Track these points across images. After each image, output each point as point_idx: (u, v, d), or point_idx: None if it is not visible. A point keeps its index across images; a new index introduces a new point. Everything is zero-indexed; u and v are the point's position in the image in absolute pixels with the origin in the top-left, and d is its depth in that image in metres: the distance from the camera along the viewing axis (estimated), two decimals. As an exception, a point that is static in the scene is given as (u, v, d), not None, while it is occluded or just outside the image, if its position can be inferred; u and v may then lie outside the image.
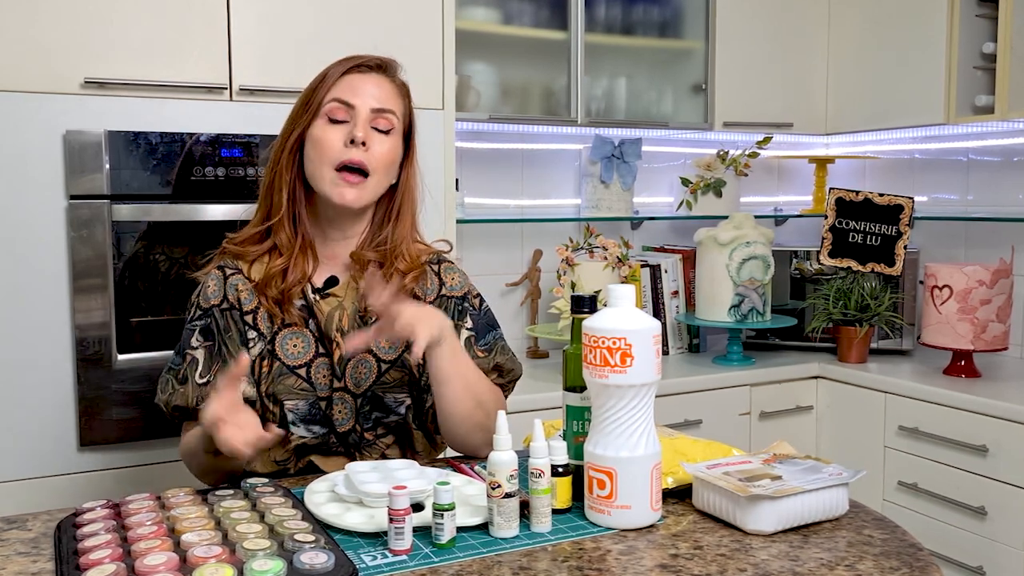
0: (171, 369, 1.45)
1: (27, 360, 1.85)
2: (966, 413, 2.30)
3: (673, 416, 2.49)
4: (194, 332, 1.44)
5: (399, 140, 1.46)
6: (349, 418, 1.44)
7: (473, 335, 1.49)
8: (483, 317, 1.52)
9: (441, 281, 1.50)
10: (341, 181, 1.39)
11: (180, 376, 1.43)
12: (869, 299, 2.71)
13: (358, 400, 1.44)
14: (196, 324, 1.45)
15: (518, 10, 2.66)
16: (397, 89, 1.47)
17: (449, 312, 1.48)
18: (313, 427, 1.43)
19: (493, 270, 2.86)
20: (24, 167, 1.82)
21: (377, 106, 1.42)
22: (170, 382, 1.43)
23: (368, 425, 1.46)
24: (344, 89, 1.42)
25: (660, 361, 1.14)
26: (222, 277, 1.46)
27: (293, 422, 1.42)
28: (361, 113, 1.40)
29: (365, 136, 1.39)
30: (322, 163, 1.40)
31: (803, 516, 1.14)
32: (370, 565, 1.03)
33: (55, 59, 1.85)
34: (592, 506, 1.15)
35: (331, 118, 1.41)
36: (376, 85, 1.43)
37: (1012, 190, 2.81)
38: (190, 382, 1.42)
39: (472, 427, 1.41)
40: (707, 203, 3.01)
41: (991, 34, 2.62)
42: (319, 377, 1.42)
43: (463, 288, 1.52)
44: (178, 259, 1.97)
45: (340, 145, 1.39)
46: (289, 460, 1.45)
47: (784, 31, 2.96)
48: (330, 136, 1.40)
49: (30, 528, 1.16)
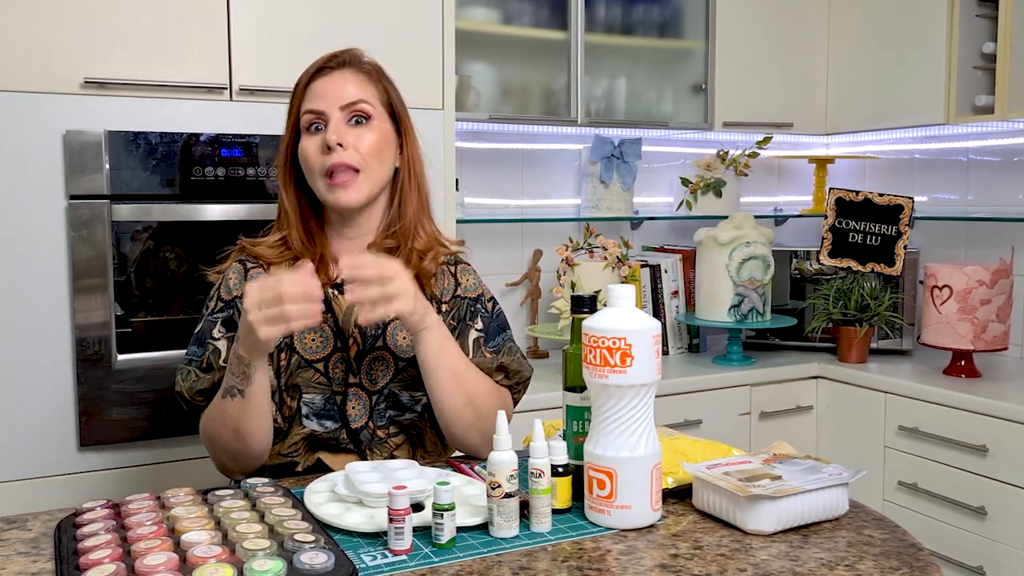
0: (191, 360, 1.45)
1: (27, 360, 1.85)
2: (966, 413, 2.30)
3: (673, 416, 2.49)
4: (216, 323, 1.45)
5: (384, 123, 1.46)
6: (363, 414, 1.45)
7: (483, 336, 1.49)
8: (495, 319, 1.53)
9: (457, 282, 1.52)
10: (333, 186, 1.41)
11: (203, 365, 1.43)
12: (869, 299, 2.71)
13: (373, 397, 1.45)
14: (218, 316, 1.46)
15: (518, 10, 2.66)
16: (366, 76, 1.46)
17: (461, 312, 1.50)
18: (326, 422, 1.44)
19: (493, 270, 2.86)
20: (24, 167, 1.82)
21: (344, 102, 1.42)
22: (191, 372, 1.44)
23: (382, 423, 1.46)
24: (311, 98, 1.43)
25: (660, 361, 1.14)
26: (243, 270, 1.48)
27: (307, 415, 1.43)
28: (332, 116, 1.41)
29: (339, 138, 1.40)
30: (312, 175, 1.43)
31: (803, 516, 1.14)
32: (370, 565, 1.03)
33: (55, 59, 1.85)
34: (592, 506, 1.15)
35: (308, 128, 1.43)
36: (340, 81, 1.43)
37: (1012, 190, 2.81)
38: (215, 369, 1.42)
39: (465, 426, 1.41)
40: (707, 203, 3.01)
41: (991, 34, 2.62)
42: (336, 372, 1.44)
43: (477, 290, 1.53)
44: (178, 259, 1.97)
45: (318, 154, 1.41)
46: (297, 453, 1.46)
47: (784, 31, 2.96)
48: (310, 147, 1.42)
49: (30, 528, 1.16)
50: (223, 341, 1.44)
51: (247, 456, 1.39)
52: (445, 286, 1.50)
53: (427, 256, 1.47)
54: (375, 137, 1.43)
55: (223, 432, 1.37)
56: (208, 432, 1.42)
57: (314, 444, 1.46)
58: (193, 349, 1.45)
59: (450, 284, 1.51)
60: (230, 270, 1.48)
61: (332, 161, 1.39)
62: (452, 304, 1.50)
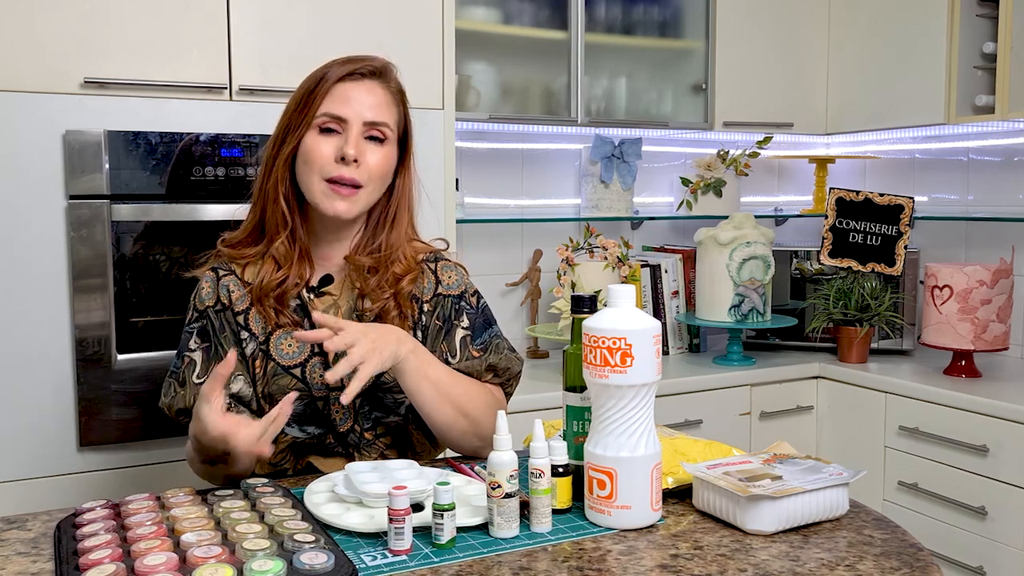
0: (172, 372, 1.45)
1: (27, 360, 1.85)
2: (966, 413, 2.29)
3: (673, 416, 2.49)
4: (192, 335, 1.45)
5: (393, 148, 1.44)
6: (348, 418, 1.44)
7: (469, 334, 1.48)
8: (480, 315, 1.50)
9: (438, 280, 1.49)
10: (332, 192, 1.38)
11: (180, 379, 1.43)
12: (869, 299, 2.71)
13: (356, 400, 1.43)
14: (193, 327, 1.45)
15: (518, 10, 2.66)
16: (392, 96, 1.44)
17: (446, 311, 1.48)
18: (307, 427, 1.43)
19: (493, 270, 2.86)
20: (24, 167, 1.82)
21: (370, 118, 1.39)
22: (172, 385, 1.44)
23: (367, 425, 1.46)
24: (337, 100, 1.39)
25: (660, 361, 1.14)
26: (215, 278, 1.46)
27: (288, 423, 1.41)
28: (353, 127, 1.38)
29: (357, 153, 1.37)
30: (312, 174, 1.39)
31: (803, 516, 1.14)
32: (370, 565, 1.03)
33: (54, 59, 1.84)
34: (592, 506, 1.15)
35: (322, 128, 1.39)
36: (369, 93, 1.40)
37: (1012, 190, 2.81)
38: (188, 384, 1.42)
39: (459, 434, 1.41)
40: (707, 203, 3.01)
41: (991, 34, 2.62)
42: (314, 377, 1.42)
43: (460, 286, 1.50)
44: (178, 259, 1.97)
45: (331, 159, 1.37)
46: (285, 460, 1.45)
47: (784, 31, 2.96)
48: (321, 148, 1.38)
49: (30, 528, 1.16)
50: (198, 352, 1.43)
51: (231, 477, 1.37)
52: (425, 285, 1.48)
53: (405, 278, 1.45)
54: (382, 160, 1.41)
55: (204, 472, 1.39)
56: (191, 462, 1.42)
57: (301, 450, 1.45)
58: (175, 361, 1.45)
59: (431, 283, 1.49)
60: (203, 279, 1.46)
61: (341, 173, 1.37)
62: (434, 303, 1.48)
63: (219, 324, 1.43)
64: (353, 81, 1.40)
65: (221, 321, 1.43)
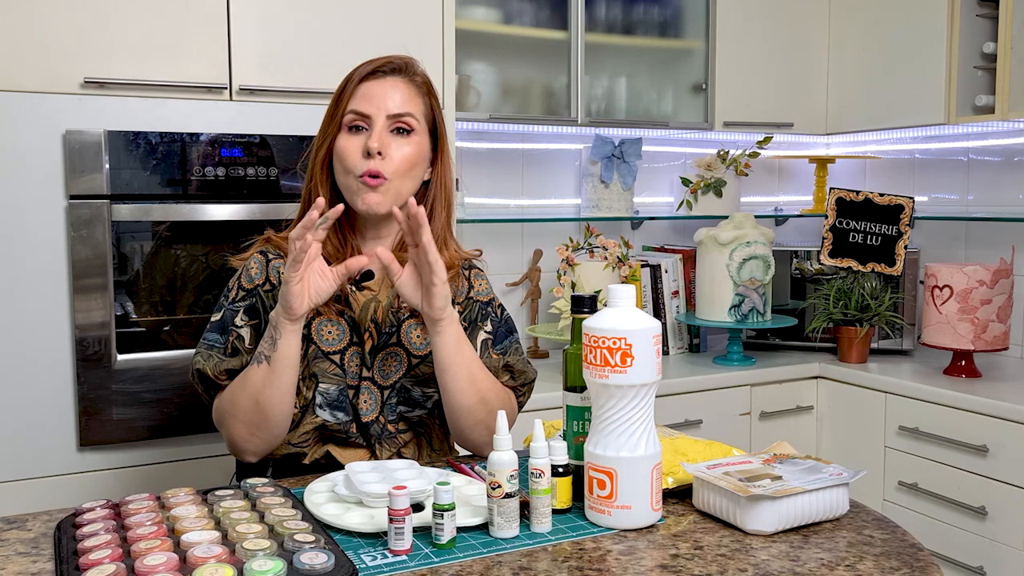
0: (212, 347, 1.45)
1: (27, 360, 1.85)
2: (966, 413, 2.29)
3: (673, 416, 2.49)
4: (238, 312, 1.46)
5: (424, 139, 1.47)
6: (374, 408, 1.46)
7: (491, 339, 1.53)
8: (503, 324, 1.56)
9: (471, 285, 1.55)
10: (362, 186, 1.42)
11: (227, 351, 1.44)
12: (869, 299, 2.71)
13: (384, 392, 1.47)
14: (240, 304, 1.47)
15: (518, 10, 2.66)
16: (416, 89, 1.48)
17: (473, 314, 1.53)
18: (338, 413, 1.46)
19: (493, 270, 2.82)
20: (24, 167, 1.82)
21: (394, 111, 1.43)
22: (212, 356, 1.44)
23: (392, 417, 1.48)
24: (360, 99, 1.43)
25: (660, 361, 1.14)
26: (264, 261, 1.49)
27: (320, 405, 1.45)
28: (377, 122, 1.42)
29: (381, 146, 1.41)
30: (345, 173, 1.44)
31: (803, 516, 1.14)
32: (370, 565, 1.03)
33: (54, 59, 1.84)
34: (592, 506, 1.15)
35: (350, 128, 1.44)
36: (392, 88, 1.45)
37: (1012, 190, 2.81)
38: (241, 353, 1.43)
39: (475, 423, 1.44)
40: (707, 203, 3.01)
41: (991, 34, 2.62)
42: (351, 365, 1.46)
43: (488, 295, 1.57)
44: (178, 259, 1.97)
45: (358, 156, 1.42)
46: (307, 444, 1.47)
47: (784, 31, 2.96)
48: (349, 147, 1.43)
49: (30, 528, 1.16)
50: (246, 329, 1.45)
51: (264, 429, 1.39)
52: (459, 288, 1.53)
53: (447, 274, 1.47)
54: (411, 151, 1.45)
55: (243, 402, 1.38)
56: (224, 404, 1.43)
57: (324, 436, 1.47)
58: (214, 336, 1.46)
59: (464, 287, 1.54)
60: (252, 260, 1.50)
61: (368, 167, 1.41)
62: (465, 305, 1.53)
63: (269, 303, 1.46)
64: (376, 79, 1.45)
65: (270, 301, 1.46)
